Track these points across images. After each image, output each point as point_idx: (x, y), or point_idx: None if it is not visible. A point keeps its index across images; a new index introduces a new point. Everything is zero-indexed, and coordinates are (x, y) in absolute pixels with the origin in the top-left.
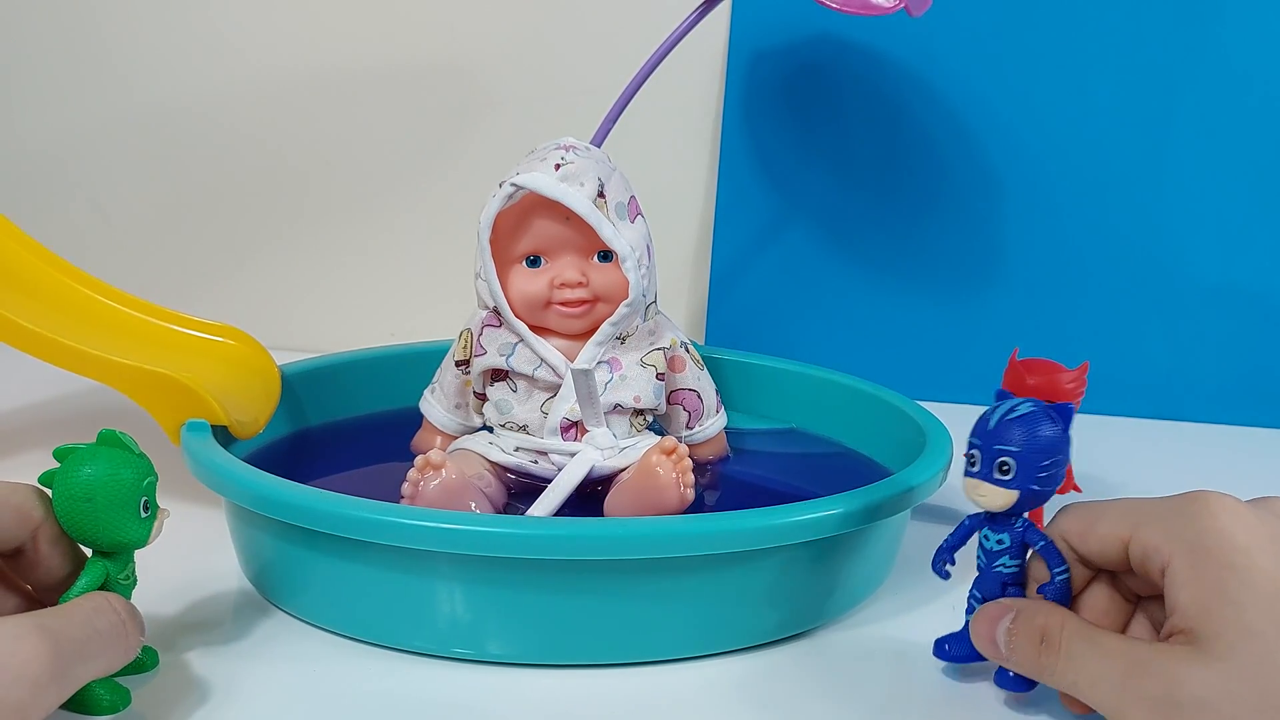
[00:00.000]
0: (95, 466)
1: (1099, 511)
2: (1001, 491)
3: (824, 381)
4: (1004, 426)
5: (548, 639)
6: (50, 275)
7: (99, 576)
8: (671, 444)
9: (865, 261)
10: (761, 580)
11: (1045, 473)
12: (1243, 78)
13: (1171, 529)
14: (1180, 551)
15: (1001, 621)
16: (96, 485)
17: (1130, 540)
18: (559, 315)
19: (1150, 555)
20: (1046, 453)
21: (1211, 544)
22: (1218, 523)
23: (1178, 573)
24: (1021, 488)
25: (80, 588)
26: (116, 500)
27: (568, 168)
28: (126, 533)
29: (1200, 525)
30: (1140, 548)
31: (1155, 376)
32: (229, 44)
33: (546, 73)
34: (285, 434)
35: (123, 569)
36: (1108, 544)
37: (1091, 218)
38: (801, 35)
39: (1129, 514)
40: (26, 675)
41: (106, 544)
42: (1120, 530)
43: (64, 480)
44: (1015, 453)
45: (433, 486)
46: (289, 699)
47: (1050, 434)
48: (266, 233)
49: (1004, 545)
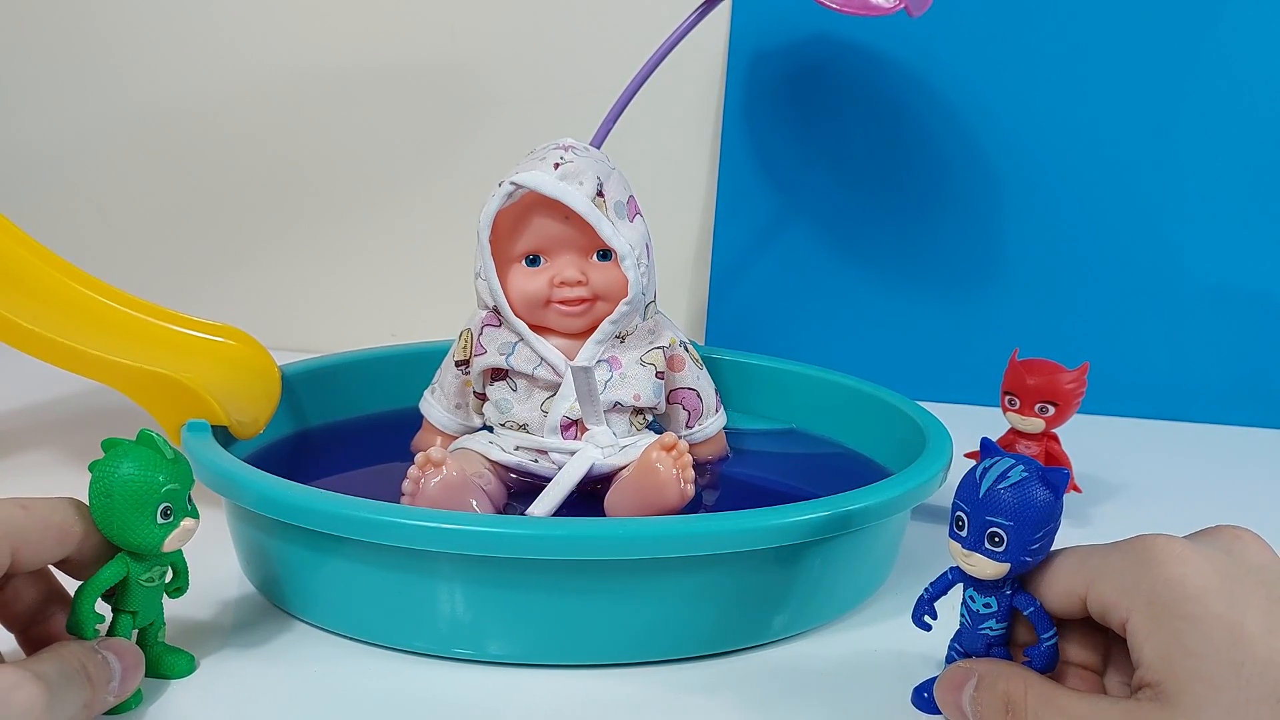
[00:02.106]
0: (121, 464)
1: (1052, 567)
2: (993, 563)
3: (824, 381)
4: (995, 496)
5: (548, 639)
6: (50, 275)
7: (118, 572)
8: (671, 440)
9: (865, 261)
10: (761, 580)
11: (1037, 544)
12: (1242, 79)
13: (1125, 582)
14: (1138, 606)
15: (965, 689)
16: (116, 483)
17: (1087, 596)
18: (558, 314)
19: (1109, 610)
20: (1040, 525)
21: (1165, 595)
22: (1167, 571)
23: (1138, 627)
24: (1013, 560)
25: (98, 580)
26: (132, 501)
27: (567, 167)
28: (138, 535)
29: (1152, 575)
30: (1099, 604)
31: (1155, 377)
32: (228, 45)
33: (546, 73)
34: (285, 434)
35: (146, 571)
36: (1065, 600)
37: (1091, 218)
38: (801, 35)
39: (1080, 568)
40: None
41: (120, 542)
42: (1075, 587)
43: (96, 473)
44: (1008, 526)
45: (433, 484)
46: (289, 699)
47: (1044, 504)
48: (266, 233)
49: (991, 610)
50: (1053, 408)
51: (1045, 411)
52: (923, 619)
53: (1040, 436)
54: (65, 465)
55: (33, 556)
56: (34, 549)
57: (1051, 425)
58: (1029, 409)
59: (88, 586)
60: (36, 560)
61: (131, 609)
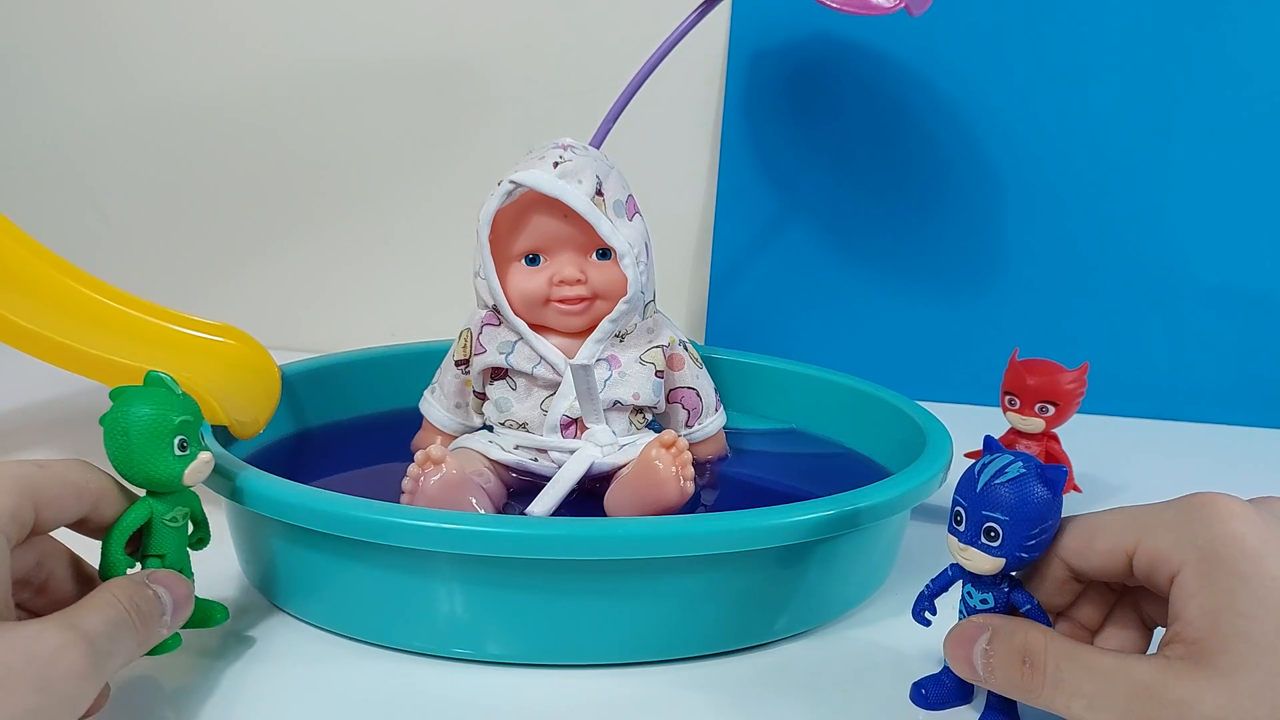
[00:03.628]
0: (134, 404)
1: (1096, 525)
2: (988, 558)
3: (824, 381)
4: (992, 490)
5: (548, 639)
6: (50, 275)
7: (143, 514)
8: (671, 437)
9: (865, 261)
10: (761, 580)
11: (1033, 540)
12: (1244, 78)
13: (1181, 536)
14: (1190, 560)
15: (978, 642)
16: (131, 420)
17: (1135, 551)
18: (558, 313)
19: (1158, 565)
20: (1036, 521)
21: (1224, 552)
22: (1229, 528)
23: (1187, 581)
24: (1008, 555)
25: (124, 524)
26: (149, 435)
27: (566, 165)
28: (158, 468)
29: (1212, 531)
30: (1147, 557)
31: (1155, 376)
32: (228, 45)
33: (546, 73)
34: (285, 434)
35: (169, 510)
36: (1110, 559)
37: (1092, 218)
38: (801, 35)
39: (1130, 524)
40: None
41: (141, 479)
42: (1124, 542)
43: (109, 417)
44: (1003, 521)
45: (433, 482)
46: (289, 699)
47: (1040, 500)
48: (267, 232)
49: (988, 605)
50: (1053, 408)
51: (1045, 411)
52: (923, 614)
53: (1040, 436)
54: None
55: (54, 514)
56: (54, 506)
57: (1051, 425)
58: (1029, 409)
59: (114, 531)
60: (58, 518)
61: (159, 552)
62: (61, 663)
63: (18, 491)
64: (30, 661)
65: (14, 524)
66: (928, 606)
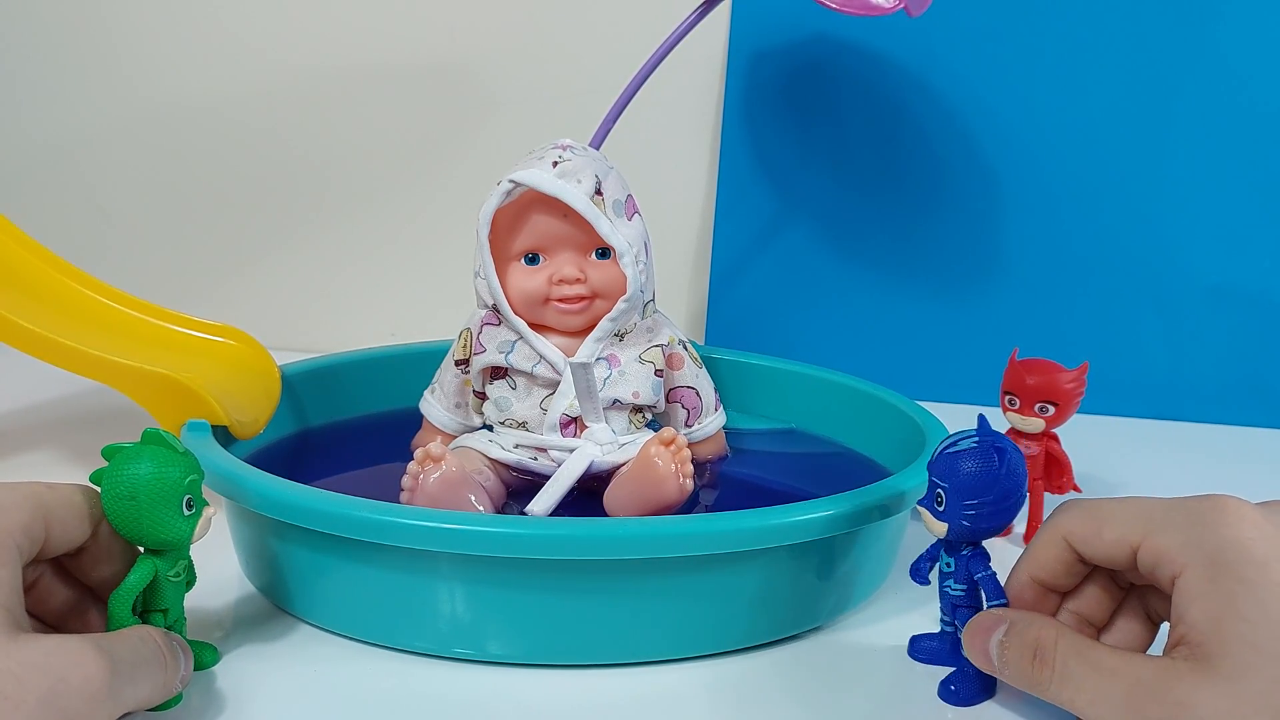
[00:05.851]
0: (138, 465)
1: (1107, 514)
2: (936, 521)
3: (823, 381)
4: (940, 459)
5: (548, 639)
6: (50, 275)
7: (148, 574)
8: (670, 435)
9: (865, 261)
10: (761, 580)
11: (972, 510)
12: (1241, 78)
13: (1189, 537)
14: (1195, 563)
15: (995, 633)
16: (139, 483)
17: (1141, 546)
18: (557, 312)
19: (1162, 563)
20: (971, 492)
21: (1230, 556)
22: (1236, 533)
23: (1190, 584)
24: (950, 521)
25: (129, 585)
26: (158, 498)
27: (565, 165)
28: (169, 530)
29: (1219, 535)
30: (1152, 555)
31: (1154, 376)
32: (227, 47)
33: (546, 73)
34: (286, 434)
35: (172, 566)
36: (1116, 549)
37: (1091, 218)
38: (801, 35)
39: (1140, 518)
40: (87, 690)
41: (151, 541)
42: (1131, 535)
43: (110, 478)
44: (945, 488)
45: (433, 480)
46: (289, 699)
47: (974, 473)
48: (267, 233)
49: (950, 569)
50: (1053, 408)
51: (1045, 411)
52: (920, 573)
53: (1040, 436)
54: (65, 465)
55: (62, 535)
56: (62, 527)
57: (1051, 425)
58: (1029, 409)
59: (120, 592)
60: (65, 539)
61: (163, 607)
62: (76, 677)
63: (30, 509)
64: (42, 674)
65: (27, 539)
66: (926, 567)
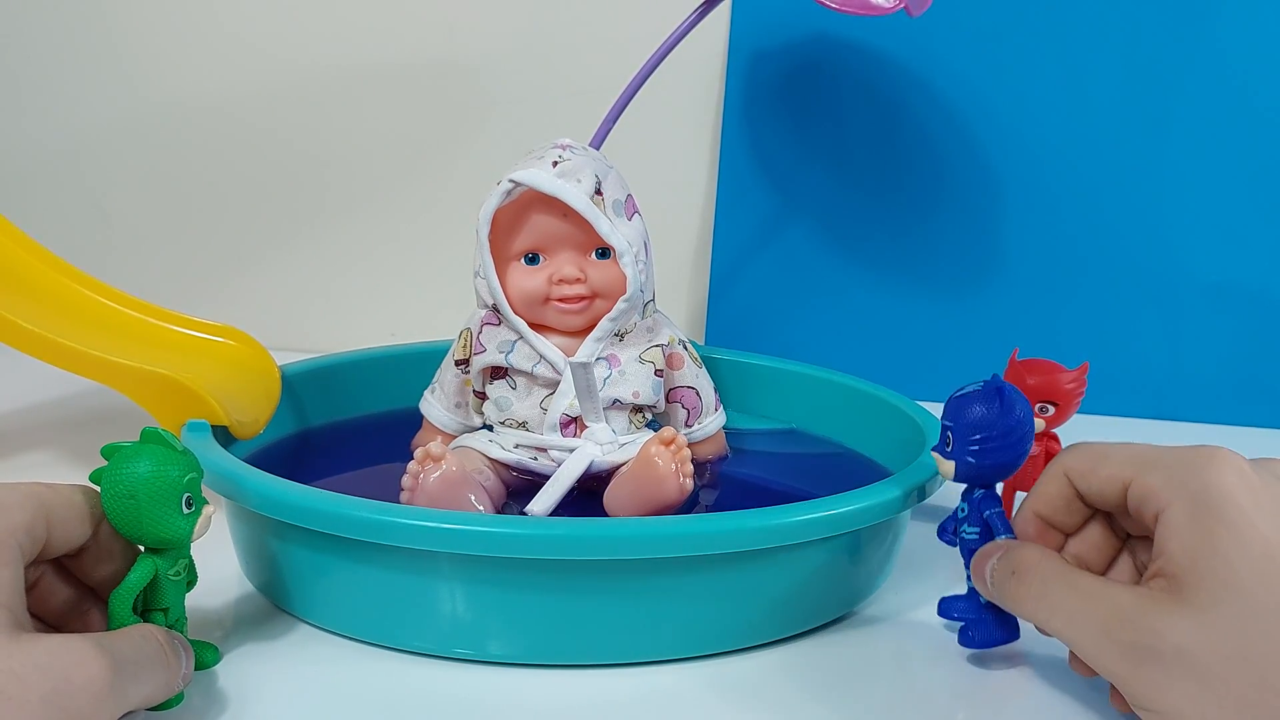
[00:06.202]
0: (138, 464)
1: (1106, 453)
2: (944, 461)
3: (823, 381)
4: (950, 402)
5: (548, 639)
6: (50, 275)
7: (148, 573)
8: (670, 434)
9: (865, 261)
10: (762, 580)
11: (976, 446)
12: (1241, 77)
13: (1174, 477)
14: (1179, 501)
15: (991, 558)
16: (138, 482)
17: (1132, 484)
18: (557, 312)
19: (1147, 500)
20: (975, 428)
21: (1213, 498)
22: (1222, 479)
23: (1171, 519)
24: (956, 459)
25: (129, 584)
26: (158, 497)
27: (565, 165)
28: (169, 529)
29: (1204, 479)
30: (1140, 492)
31: (1154, 376)
32: (227, 46)
33: (546, 73)
34: (286, 434)
35: (172, 565)
36: (1109, 485)
37: (1091, 217)
38: (801, 35)
39: (1134, 458)
40: (90, 689)
41: (151, 540)
42: (1123, 473)
43: (109, 478)
44: (950, 426)
45: (433, 479)
46: (289, 699)
47: (980, 411)
48: (267, 233)
49: (964, 514)
50: (1053, 407)
51: (1045, 411)
52: (945, 531)
53: (1040, 436)
54: (65, 465)
55: (62, 535)
56: (63, 527)
57: (1051, 425)
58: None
59: (120, 591)
60: (66, 539)
61: (163, 606)
62: (79, 676)
63: (32, 509)
64: (45, 673)
65: (29, 539)
66: (950, 526)
